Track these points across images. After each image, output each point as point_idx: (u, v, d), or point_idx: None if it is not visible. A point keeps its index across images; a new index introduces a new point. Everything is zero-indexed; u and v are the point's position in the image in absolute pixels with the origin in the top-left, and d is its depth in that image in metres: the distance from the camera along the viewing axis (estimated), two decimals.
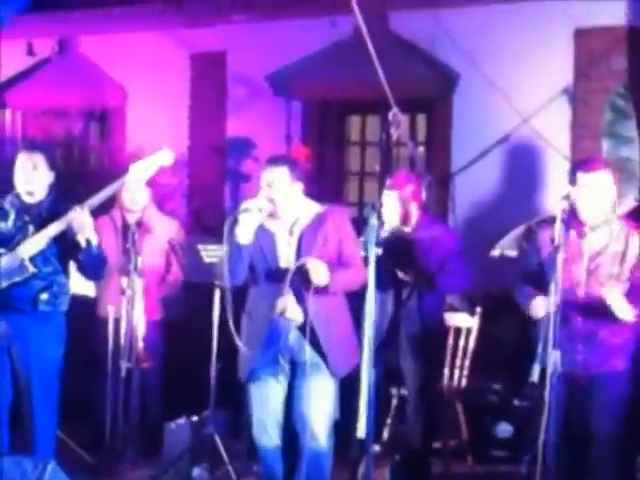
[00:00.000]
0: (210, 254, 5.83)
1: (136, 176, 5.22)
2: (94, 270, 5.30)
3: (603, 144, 6.70)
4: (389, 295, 5.85)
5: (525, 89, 7.03)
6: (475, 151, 7.23)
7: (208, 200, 8.07)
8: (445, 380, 6.36)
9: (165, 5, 7.68)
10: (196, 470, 5.84)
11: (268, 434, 4.94)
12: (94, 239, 5.10)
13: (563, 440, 4.65)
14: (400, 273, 5.76)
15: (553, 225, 4.59)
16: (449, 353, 6.39)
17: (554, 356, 4.43)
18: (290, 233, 4.86)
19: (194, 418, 6.18)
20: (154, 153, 5.26)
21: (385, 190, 5.89)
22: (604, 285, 4.75)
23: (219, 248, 5.00)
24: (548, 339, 4.47)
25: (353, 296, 4.88)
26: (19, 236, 5.14)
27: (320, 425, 4.85)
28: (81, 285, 5.87)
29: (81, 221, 5.03)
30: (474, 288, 6.13)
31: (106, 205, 5.56)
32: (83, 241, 5.07)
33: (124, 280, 5.77)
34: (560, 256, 4.47)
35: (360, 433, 4.21)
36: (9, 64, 8.29)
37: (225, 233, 4.65)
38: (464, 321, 6.45)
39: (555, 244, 4.53)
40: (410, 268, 5.81)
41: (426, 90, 7.49)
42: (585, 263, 4.80)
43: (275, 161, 4.89)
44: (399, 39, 7.40)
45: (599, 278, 4.78)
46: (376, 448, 5.66)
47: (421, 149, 7.67)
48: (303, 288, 4.71)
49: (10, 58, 8.16)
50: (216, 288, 5.74)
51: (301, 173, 4.93)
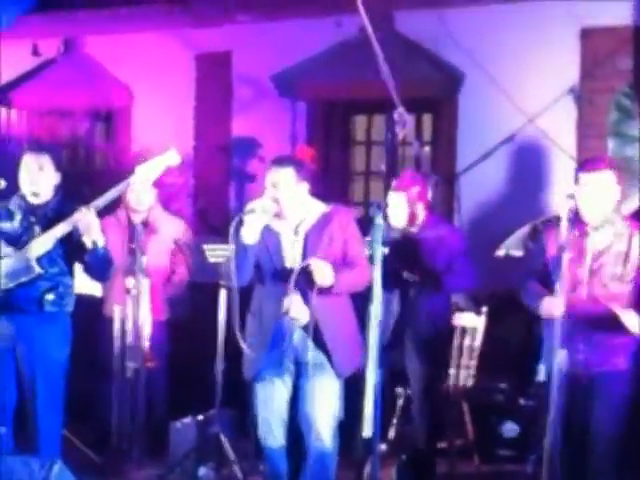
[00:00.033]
0: (215, 254, 5.82)
1: (142, 177, 5.23)
2: (100, 271, 5.30)
3: (609, 143, 6.71)
4: (395, 295, 5.86)
5: (531, 89, 7.03)
6: (480, 151, 7.22)
7: (213, 200, 8.07)
8: (451, 380, 6.36)
9: (171, 5, 7.68)
10: (202, 469, 5.84)
11: (273, 434, 4.94)
12: (100, 240, 5.10)
13: (564, 439, 4.64)
14: (405, 273, 5.77)
15: (559, 225, 4.59)
16: (455, 353, 6.39)
17: (560, 355, 4.43)
18: (295, 233, 4.86)
19: (200, 417, 6.19)
20: (161, 154, 5.27)
21: (391, 191, 5.90)
22: (607, 286, 4.74)
23: (224, 248, 5.01)
24: (554, 338, 4.47)
25: (358, 296, 4.88)
26: (25, 237, 5.15)
27: (325, 425, 4.85)
28: (87, 285, 5.86)
29: (87, 222, 5.03)
30: (480, 288, 6.13)
31: (112, 205, 5.55)
32: (89, 242, 5.07)
33: (130, 280, 5.78)
34: (566, 256, 4.47)
35: (366, 433, 4.21)
36: (14, 64, 8.31)
37: (231, 234, 4.65)
38: (470, 321, 6.44)
39: (561, 244, 4.53)
40: (416, 268, 5.81)
41: (431, 90, 7.48)
42: (588, 263, 4.79)
43: (281, 162, 4.89)
44: (404, 39, 7.39)
45: (602, 278, 4.77)
46: (382, 448, 5.66)
47: (427, 149, 7.64)
48: (308, 288, 4.72)
49: (15, 58, 8.19)
50: (221, 288, 5.76)
51: (307, 173, 4.93)
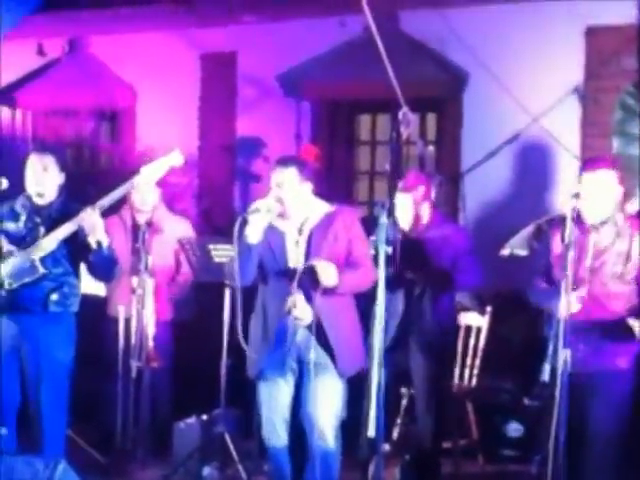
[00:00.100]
0: (220, 254, 5.83)
1: (147, 178, 5.23)
2: (105, 271, 5.31)
3: (613, 143, 6.70)
4: (399, 295, 5.85)
5: (535, 88, 7.01)
6: (485, 150, 7.21)
7: (218, 200, 8.07)
8: (455, 379, 6.36)
9: (176, 5, 7.67)
10: (206, 469, 5.86)
11: (277, 434, 4.95)
12: (105, 240, 5.11)
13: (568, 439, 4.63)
14: (409, 273, 5.76)
15: (563, 224, 4.59)
16: (459, 352, 6.38)
17: (564, 355, 4.43)
18: (299, 232, 4.86)
19: (204, 417, 6.20)
20: (164, 154, 5.28)
21: (398, 193, 5.89)
22: (607, 284, 4.75)
23: (229, 248, 5.01)
24: (558, 338, 4.46)
25: (362, 297, 4.88)
26: (29, 237, 5.16)
27: (327, 425, 4.85)
28: (92, 285, 5.87)
29: (92, 222, 5.04)
30: (484, 287, 6.12)
31: (116, 205, 5.56)
32: (94, 242, 5.08)
33: (134, 280, 5.78)
34: (571, 255, 4.46)
35: (370, 433, 4.21)
36: (19, 64, 8.34)
37: (235, 233, 4.65)
38: (474, 320, 6.44)
39: (565, 243, 4.52)
40: (422, 268, 5.81)
41: (436, 89, 7.47)
42: (589, 261, 4.79)
43: (284, 162, 4.89)
44: (409, 38, 7.38)
45: (602, 277, 4.77)
46: (386, 448, 5.66)
47: (431, 148, 7.65)
48: (312, 288, 4.72)
49: (20, 58, 8.21)
50: (226, 288, 5.76)
51: (310, 173, 4.94)
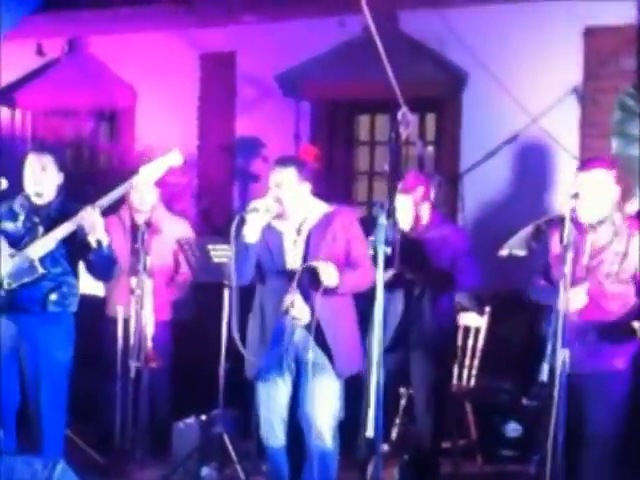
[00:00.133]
0: (219, 254, 5.83)
1: (146, 178, 5.24)
2: (104, 270, 5.31)
3: (612, 143, 6.70)
4: (398, 295, 5.85)
5: (534, 88, 7.01)
6: (484, 150, 7.21)
7: (217, 200, 8.07)
8: (454, 380, 6.36)
9: (175, 5, 7.67)
10: (205, 469, 5.86)
11: (275, 434, 4.95)
12: (105, 239, 5.11)
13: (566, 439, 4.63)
14: (409, 273, 5.76)
15: (562, 224, 4.58)
16: (458, 352, 6.38)
17: (562, 355, 4.42)
18: (298, 232, 4.86)
19: (203, 417, 6.20)
20: (163, 154, 5.28)
21: (397, 194, 5.89)
22: (602, 284, 4.75)
23: (228, 248, 5.01)
24: (557, 338, 4.46)
25: (361, 297, 4.88)
26: (28, 237, 5.16)
27: (325, 425, 4.85)
28: (90, 285, 5.87)
29: (92, 221, 5.04)
30: (483, 288, 6.12)
31: (114, 205, 5.56)
32: (94, 241, 5.08)
33: (133, 280, 5.77)
34: (569, 255, 4.46)
35: (369, 433, 4.21)
36: (19, 64, 8.34)
37: (232, 232, 4.65)
38: (473, 320, 6.44)
39: (564, 243, 4.52)
40: (422, 268, 5.80)
41: (435, 89, 7.47)
42: (585, 261, 4.79)
43: (283, 162, 4.89)
44: (408, 39, 7.38)
45: (599, 276, 4.77)
46: (385, 448, 5.66)
47: (430, 148, 7.65)
48: (311, 288, 4.72)
49: (20, 58, 8.21)
50: (225, 288, 5.76)
51: (309, 173, 4.94)
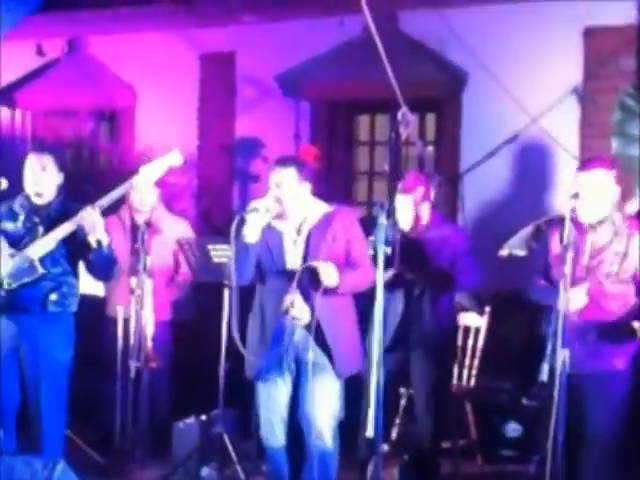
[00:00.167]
0: (219, 254, 5.83)
1: (146, 178, 5.24)
2: (104, 270, 5.31)
3: (612, 143, 6.70)
4: (398, 295, 5.85)
5: (534, 89, 7.01)
6: (484, 150, 7.21)
7: (217, 200, 8.07)
8: (454, 380, 6.36)
9: (175, 5, 7.67)
10: (205, 470, 5.85)
11: (275, 434, 4.95)
12: (105, 239, 5.11)
13: (566, 439, 4.63)
14: (409, 273, 5.76)
15: (562, 224, 4.58)
16: (458, 352, 6.38)
17: (562, 355, 4.42)
18: (298, 232, 4.86)
19: (203, 418, 6.20)
20: (163, 154, 5.28)
21: (397, 194, 5.89)
22: (602, 284, 4.75)
23: (228, 248, 5.01)
24: (557, 338, 4.46)
25: (360, 297, 4.88)
26: (28, 237, 5.16)
27: (325, 425, 4.85)
28: (90, 285, 5.87)
29: (92, 221, 5.05)
30: (483, 288, 6.12)
31: (114, 205, 5.56)
32: (94, 241, 5.08)
33: (133, 280, 5.77)
34: (569, 255, 4.46)
35: (369, 433, 4.20)
36: (19, 64, 8.33)
37: (232, 232, 4.65)
38: (473, 320, 6.44)
39: (564, 243, 4.52)
40: (422, 268, 5.81)
41: (435, 89, 7.47)
42: (585, 261, 4.79)
43: (283, 162, 4.89)
44: (408, 39, 7.38)
45: (599, 276, 4.77)
46: (385, 448, 5.66)
47: (430, 148, 7.65)
48: (312, 288, 4.71)
49: (20, 58, 8.21)
50: (225, 288, 5.76)
51: (309, 173, 4.94)
